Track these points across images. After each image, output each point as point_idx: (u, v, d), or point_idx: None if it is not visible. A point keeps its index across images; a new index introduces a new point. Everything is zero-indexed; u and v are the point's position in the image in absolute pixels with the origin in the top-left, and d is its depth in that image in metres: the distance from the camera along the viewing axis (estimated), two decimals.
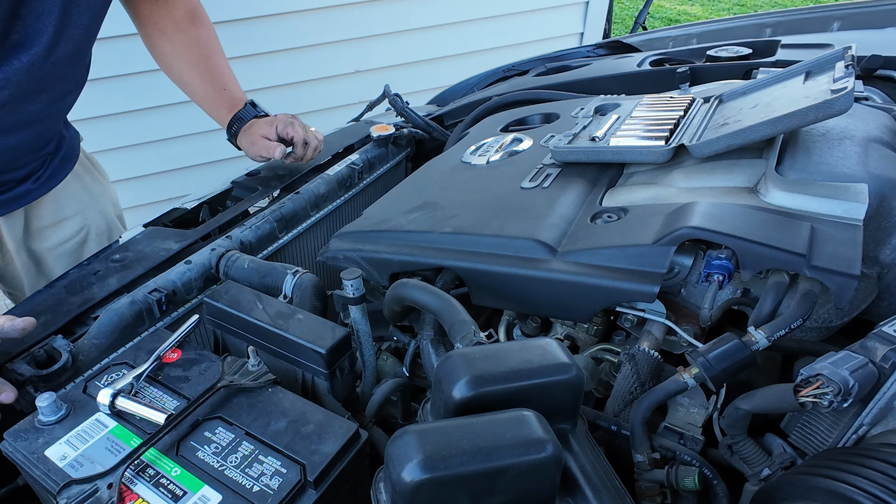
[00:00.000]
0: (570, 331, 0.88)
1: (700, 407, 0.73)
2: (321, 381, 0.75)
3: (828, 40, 1.39)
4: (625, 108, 1.08)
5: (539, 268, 0.78)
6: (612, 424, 0.72)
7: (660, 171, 0.92)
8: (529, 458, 0.46)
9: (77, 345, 0.81)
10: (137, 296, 0.89)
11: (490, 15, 2.94)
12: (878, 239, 0.75)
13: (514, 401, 0.52)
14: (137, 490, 0.58)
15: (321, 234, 1.24)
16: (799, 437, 0.65)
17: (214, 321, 0.83)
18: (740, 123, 0.84)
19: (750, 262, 0.69)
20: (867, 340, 0.59)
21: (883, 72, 1.20)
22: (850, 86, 0.76)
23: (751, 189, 0.79)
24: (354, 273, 0.79)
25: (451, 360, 0.54)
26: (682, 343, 0.78)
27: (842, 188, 0.73)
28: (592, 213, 0.85)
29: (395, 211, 0.99)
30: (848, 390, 0.55)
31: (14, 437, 0.64)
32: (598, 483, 0.55)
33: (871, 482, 0.48)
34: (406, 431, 0.47)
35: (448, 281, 0.84)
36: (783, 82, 0.96)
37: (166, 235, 1.04)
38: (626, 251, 0.74)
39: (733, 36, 1.72)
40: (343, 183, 1.28)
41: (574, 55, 1.87)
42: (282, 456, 0.60)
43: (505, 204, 0.91)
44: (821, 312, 0.74)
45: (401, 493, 0.45)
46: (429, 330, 0.79)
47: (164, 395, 0.69)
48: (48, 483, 0.60)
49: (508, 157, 1.09)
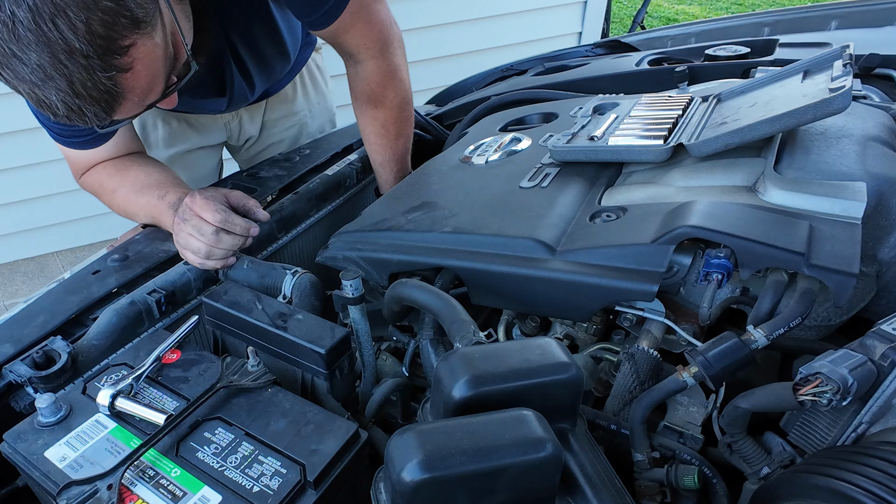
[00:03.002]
0: (570, 330, 0.88)
1: (699, 406, 0.73)
2: (321, 381, 0.75)
3: (826, 39, 1.39)
4: (623, 108, 1.08)
5: (538, 267, 0.78)
6: (611, 423, 0.72)
7: (658, 170, 0.92)
8: (529, 457, 0.46)
9: (76, 346, 0.81)
10: (137, 296, 0.89)
11: (488, 15, 2.93)
12: (876, 237, 0.75)
13: (513, 400, 0.52)
14: (137, 491, 0.58)
15: (320, 234, 1.24)
16: (798, 435, 0.65)
17: (214, 322, 0.83)
18: (739, 122, 0.84)
19: (749, 261, 0.69)
20: (866, 339, 0.59)
21: (881, 70, 1.20)
22: (848, 84, 0.76)
23: (749, 188, 0.80)
24: (353, 273, 0.79)
25: (451, 360, 0.54)
26: (681, 342, 0.78)
27: (840, 187, 0.73)
28: (591, 213, 0.85)
29: (394, 211, 0.99)
30: (847, 388, 0.55)
31: (14, 439, 0.64)
32: (597, 482, 0.55)
33: (870, 480, 0.48)
34: (406, 431, 0.47)
35: (447, 281, 0.84)
36: (781, 81, 0.96)
37: (165, 236, 1.04)
38: (625, 250, 0.74)
39: (731, 35, 1.72)
40: (342, 183, 1.28)
41: (572, 55, 1.87)
42: (281, 456, 0.60)
43: (504, 203, 0.91)
44: (820, 311, 0.74)
45: (401, 492, 0.45)
46: (428, 330, 0.79)
47: (163, 396, 0.69)
48: (48, 484, 0.60)
49: (507, 156, 1.09)
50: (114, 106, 0.72)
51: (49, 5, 0.61)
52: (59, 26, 0.62)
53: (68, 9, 0.62)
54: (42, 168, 2.46)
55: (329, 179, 1.25)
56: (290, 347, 0.74)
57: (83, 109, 0.70)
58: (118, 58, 0.68)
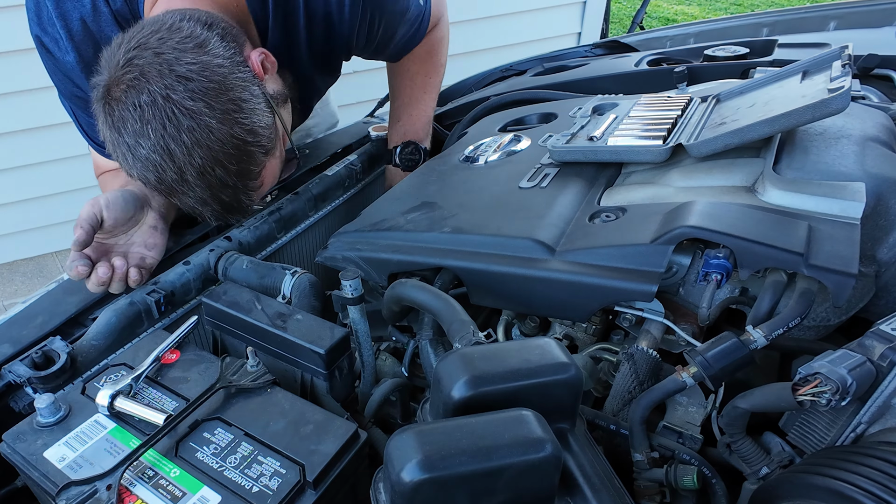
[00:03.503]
0: (569, 330, 0.88)
1: (699, 406, 0.73)
2: (320, 381, 0.75)
3: (825, 39, 1.40)
4: (622, 108, 1.09)
5: (537, 267, 0.78)
6: (610, 424, 0.73)
7: (658, 170, 0.92)
8: (528, 457, 0.46)
9: (75, 346, 0.81)
10: (136, 296, 0.89)
11: (488, 15, 2.93)
12: (875, 237, 0.76)
13: (512, 400, 0.52)
14: (137, 491, 0.58)
15: (320, 234, 1.24)
16: (797, 435, 0.65)
17: (213, 322, 0.83)
18: (738, 123, 0.84)
19: (748, 261, 0.69)
20: (865, 339, 0.59)
21: (879, 71, 1.20)
22: (846, 85, 0.76)
23: (748, 188, 0.80)
24: (353, 273, 0.79)
25: (450, 360, 0.54)
26: (680, 342, 0.78)
27: (839, 187, 0.73)
28: (591, 213, 0.85)
29: (393, 211, 0.99)
30: (846, 389, 0.55)
31: (13, 439, 0.64)
32: (597, 482, 0.55)
33: (869, 480, 0.48)
34: (405, 431, 0.47)
35: (447, 281, 0.84)
36: (780, 81, 0.96)
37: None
38: (624, 250, 0.75)
39: (730, 35, 1.72)
40: (341, 183, 1.28)
41: (572, 55, 1.87)
42: (281, 456, 0.60)
43: (503, 204, 0.91)
44: (819, 311, 0.74)
45: (400, 492, 0.45)
46: (428, 330, 0.79)
47: (162, 396, 0.69)
48: (47, 484, 0.60)
49: (507, 156, 1.09)
50: (249, 208, 0.91)
51: (211, 160, 0.79)
52: (217, 172, 0.81)
53: (224, 158, 0.80)
54: (42, 168, 2.46)
55: (329, 180, 1.25)
56: (289, 348, 0.74)
57: (228, 218, 0.90)
58: (254, 181, 0.87)
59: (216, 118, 0.78)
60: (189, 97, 0.77)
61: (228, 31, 0.87)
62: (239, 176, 0.83)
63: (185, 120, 0.77)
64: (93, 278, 0.87)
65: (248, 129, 0.82)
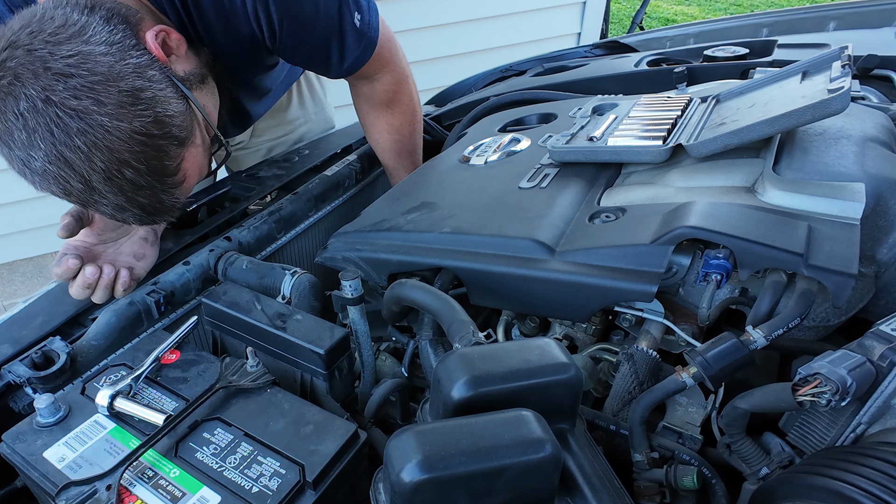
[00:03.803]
0: (569, 330, 0.88)
1: (698, 406, 0.73)
2: (320, 381, 0.75)
3: (824, 40, 1.40)
4: (622, 108, 1.09)
5: (537, 268, 0.78)
6: (610, 424, 0.73)
7: (657, 170, 0.92)
8: (528, 457, 0.46)
9: (75, 346, 0.81)
10: (136, 297, 0.89)
11: (487, 15, 2.93)
12: (875, 238, 0.76)
13: (512, 401, 0.52)
14: (136, 491, 0.58)
15: (319, 234, 1.24)
16: (797, 435, 0.65)
17: (213, 322, 0.83)
18: (737, 123, 0.84)
19: (748, 262, 0.69)
20: (865, 339, 0.59)
21: (879, 71, 1.20)
22: (846, 85, 0.76)
23: (748, 188, 0.80)
24: (353, 274, 0.79)
25: (450, 361, 0.54)
26: (680, 342, 0.78)
27: (839, 187, 0.73)
28: (590, 213, 0.85)
29: (393, 211, 0.99)
30: (846, 389, 0.55)
31: (12, 439, 0.64)
32: (596, 482, 0.55)
33: (869, 481, 0.48)
34: (405, 432, 0.47)
35: (446, 281, 0.84)
36: (780, 82, 0.96)
37: (164, 236, 1.04)
38: (624, 251, 0.75)
39: (730, 36, 1.72)
40: (341, 183, 1.28)
41: (571, 55, 1.87)
42: (281, 457, 0.60)
43: (503, 204, 0.91)
44: (818, 311, 0.74)
45: (400, 493, 0.45)
46: (427, 330, 0.79)
47: (162, 397, 0.69)
48: (47, 485, 0.60)
49: (506, 157, 1.09)
50: (176, 207, 0.83)
51: (115, 162, 0.72)
52: (126, 174, 0.73)
53: (130, 158, 0.73)
54: None
55: (328, 180, 1.25)
56: (289, 348, 0.74)
57: (155, 220, 0.83)
58: (172, 177, 0.79)
59: (108, 114, 0.69)
60: (72, 96, 0.68)
61: (116, 12, 0.77)
62: (152, 174, 0.75)
63: (72, 122, 0.68)
64: (79, 279, 0.84)
65: (152, 121, 0.73)
